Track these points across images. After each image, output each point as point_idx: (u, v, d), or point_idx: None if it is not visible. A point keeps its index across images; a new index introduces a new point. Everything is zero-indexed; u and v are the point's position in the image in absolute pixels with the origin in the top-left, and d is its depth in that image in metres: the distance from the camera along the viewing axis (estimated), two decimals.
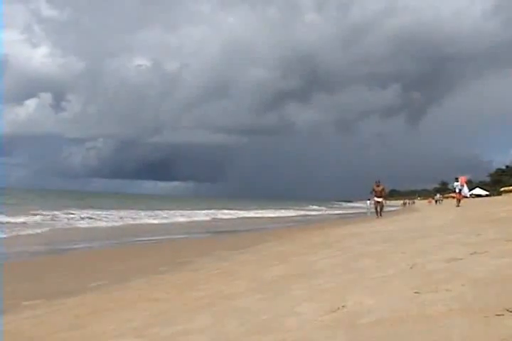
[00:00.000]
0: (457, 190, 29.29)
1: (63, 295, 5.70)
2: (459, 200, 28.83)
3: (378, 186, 23.21)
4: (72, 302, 5.26)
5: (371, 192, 23.64)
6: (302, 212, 43.14)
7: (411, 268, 4.17)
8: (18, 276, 7.55)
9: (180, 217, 30.14)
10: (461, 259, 4.21)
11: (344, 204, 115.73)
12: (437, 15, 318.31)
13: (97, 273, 7.53)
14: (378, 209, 23.61)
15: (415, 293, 3.13)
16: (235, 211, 40.83)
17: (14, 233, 15.49)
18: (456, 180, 29.64)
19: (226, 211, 39.99)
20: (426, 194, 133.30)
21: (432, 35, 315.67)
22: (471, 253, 4.40)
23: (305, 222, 27.32)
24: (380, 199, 23.53)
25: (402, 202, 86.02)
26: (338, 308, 3.06)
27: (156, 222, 25.05)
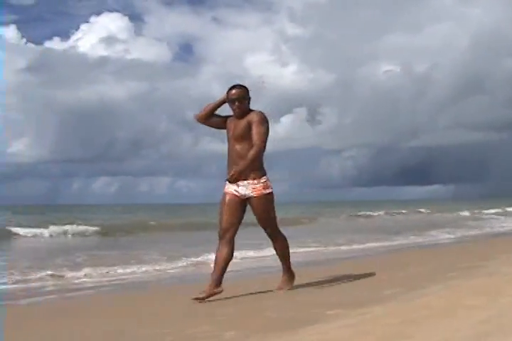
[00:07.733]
0: None
1: (361, 304, 5.66)
2: None
3: (239, 102, 5.62)
4: (376, 311, 5.18)
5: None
6: None
7: None
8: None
9: None
10: None
11: None
12: None
13: (381, 281, 7.43)
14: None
15: None
16: None
17: None
18: None
19: None
20: None
21: None
22: None
23: None
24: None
25: None
26: None
27: None
